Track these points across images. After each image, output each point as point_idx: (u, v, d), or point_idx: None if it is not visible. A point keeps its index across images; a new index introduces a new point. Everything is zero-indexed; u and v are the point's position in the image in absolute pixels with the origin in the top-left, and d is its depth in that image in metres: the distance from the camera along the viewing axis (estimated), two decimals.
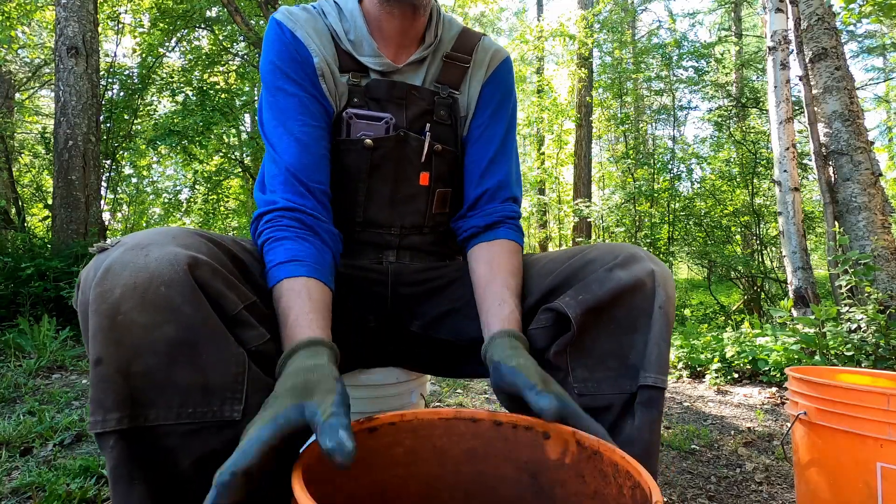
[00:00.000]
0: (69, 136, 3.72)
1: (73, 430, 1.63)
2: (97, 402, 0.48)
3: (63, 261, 3.17)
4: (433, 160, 0.82)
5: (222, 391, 0.52)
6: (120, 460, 0.48)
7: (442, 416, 0.63)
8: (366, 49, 0.78)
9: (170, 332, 0.49)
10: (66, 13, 3.76)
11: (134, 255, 0.50)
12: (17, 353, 2.53)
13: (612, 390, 0.66)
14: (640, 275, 0.66)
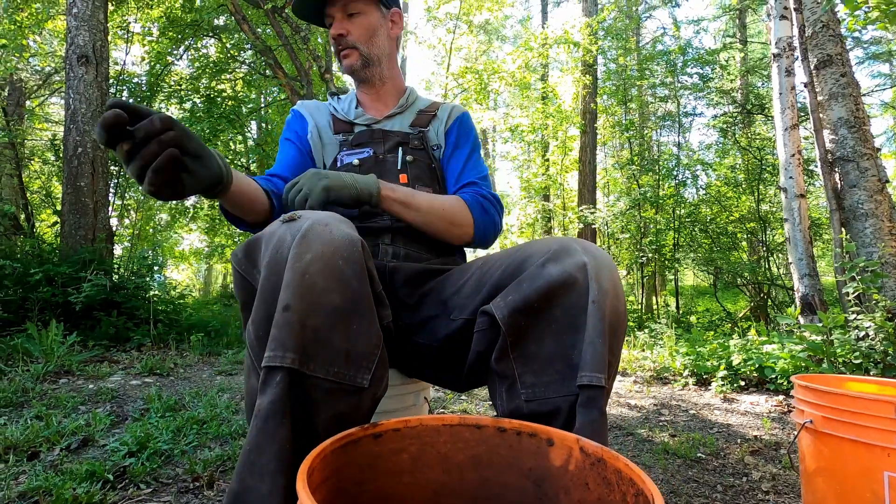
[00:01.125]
0: (78, 144, 3.76)
1: (79, 435, 1.64)
2: (278, 341, 0.55)
3: (71, 266, 3.20)
4: (408, 167, 1.03)
5: (359, 360, 0.60)
6: (279, 396, 0.54)
7: (446, 423, 0.63)
8: (353, 114, 1.10)
9: (336, 300, 0.57)
10: (76, 23, 3.82)
11: (322, 229, 0.60)
12: (24, 358, 2.55)
13: (557, 394, 0.65)
14: (570, 269, 0.66)
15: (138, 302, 3.56)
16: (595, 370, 0.62)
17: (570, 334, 0.66)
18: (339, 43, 1.04)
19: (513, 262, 0.74)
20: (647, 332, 4.59)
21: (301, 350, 0.55)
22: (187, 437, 1.68)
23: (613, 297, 0.66)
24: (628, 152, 8.62)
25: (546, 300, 0.66)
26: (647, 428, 2.06)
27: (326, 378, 0.57)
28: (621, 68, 8.26)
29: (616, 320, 0.66)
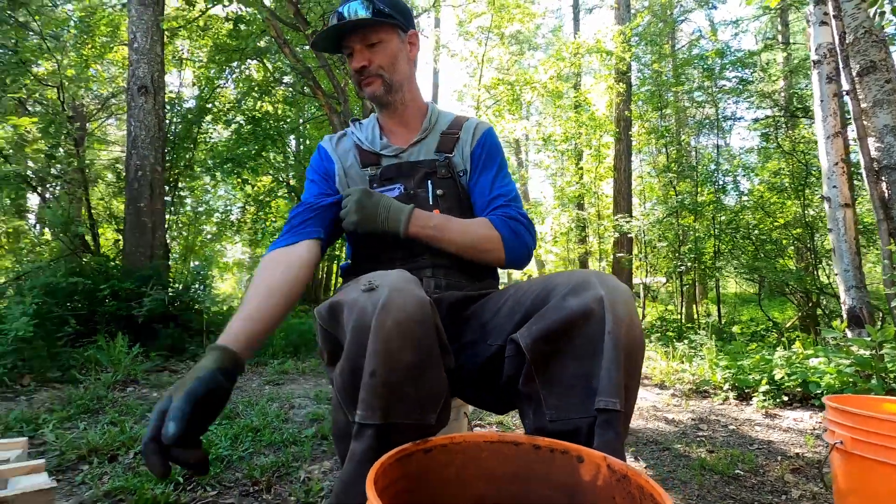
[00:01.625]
0: (138, 167, 4.07)
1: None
2: (367, 403, 0.67)
3: (134, 282, 3.46)
4: (439, 202, 1.06)
5: (429, 405, 0.71)
6: (370, 445, 0.67)
7: (487, 440, 0.71)
8: (378, 145, 1.11)
9: (410, 358, 0.67)
10: (137, 56, 4.14)
11: (397, 295, 0.69)
12: (96, 368, 2.79)
13: (578, 415, 0.72)
14: (588, 302, 0.72)
15: (192, 314, 3.80)
16: (610, 395, 0.68)
17: (588, 361, 0.72)
18: (361, 73, 1.05)
19: (540, 294, 0.81)
20: (687, 343, 4.51)
21: (385, 408, 0.67)
22: (243, 443, 1.82)
23: (628, 326, 0.72)
24: (664, 158, 8.47)
25: (566, 330, 0.73)
26: (683, 443, 2.07)
27: (405, 422, 0.69)
28: (656, 74, 8.15)
29: (632, 346, 0.72)
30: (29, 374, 2.54)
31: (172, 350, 3.46)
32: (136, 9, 4.17)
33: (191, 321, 3.74)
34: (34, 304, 2.66)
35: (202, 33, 5.59)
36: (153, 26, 4.18)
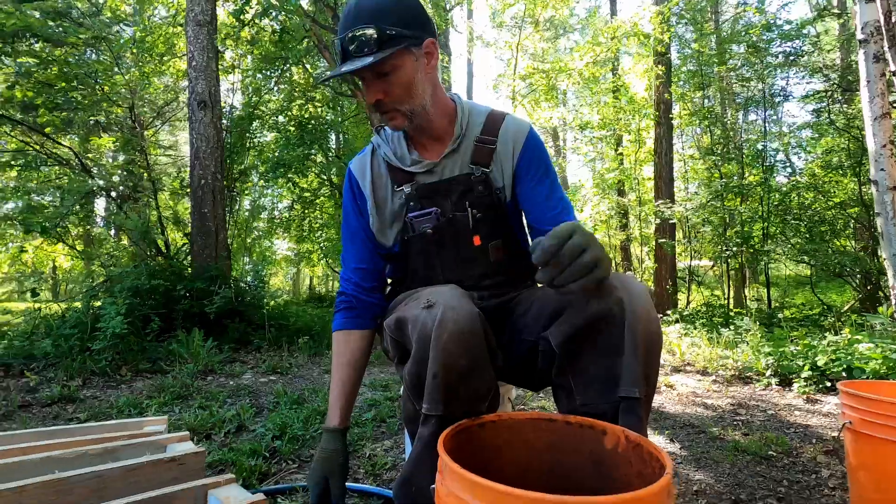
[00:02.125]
0: (201, 176, 4.44)
1: (234, 423, 2.09)
2: (431, 398, 0.84)
3: (204, 282, 3.83)
4: (479, 226, 1.09)
5: (480, 398, 0.87)
6: (434, 430, 0.85)
7: (528, 418, 0.88)
8: (408, 161, 1.10)
9: (463, 363, 0.83)
10: (195, 73, 4.49)
11: (452, 312, 0.83)
12: (178, 360, 3.14)
13: (603, 402, 0.86)
14: (609, 304, 0.84)
15: (254, 310, 4.14)
16: (632, 385, 0.83)
17: (611, 356, 0.86)
18: (377, 107, 1.02)
19: (566, 296, 0.93)
20: (733, 330, 4.48)
21: (445, 403, 0.84)
22: (314, 425, 2.07)
23: (646, 322, 0.85)
24: (708, 140, 8.23)
25: (591, 329, 0.87)
26: (720, 427, 2.16)
27: (462, 412, 0.85)
28: (698, 53, 7.89)
29: (650, 341, 0.85)
30: (125, 366, 2.91)
31: (239, 343, 3.81)
32: (193, 28, 4.51)
33: (253, 316, 4.09)
34: (125, 305, 3.04)
35: (251, 47, 5.91)
36: (208, 45, 4.51)
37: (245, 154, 6.38)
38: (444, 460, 0.68)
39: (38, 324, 3.11)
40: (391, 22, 0.94)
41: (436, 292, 0.89)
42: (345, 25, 0.95)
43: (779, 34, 7.00)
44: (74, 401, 2.35)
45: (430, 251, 1.11)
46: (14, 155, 5.00)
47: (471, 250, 1.10)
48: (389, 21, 0.94)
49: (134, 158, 4.66)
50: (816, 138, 7.77)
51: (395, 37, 0.94)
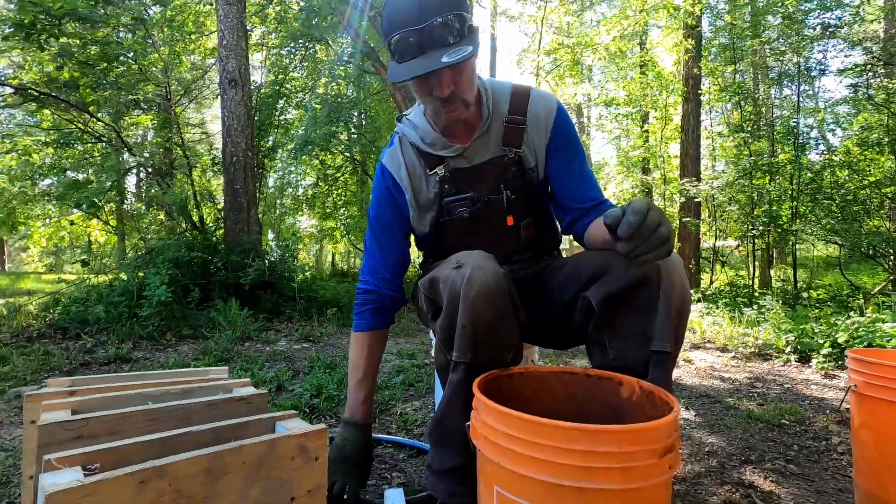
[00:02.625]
0: (233, 153, 4.59)
1: (274, 383, 2.25)
2: (460, 346, 0.94)
3: (238, 255, 4.01)
4: (513, 207, 1.15)
5: (505, 347, 0.97)
6: (462, 377, 0.96)
7: (551, 371, 0.99)
8: (439, 146, 1.12)
9: (491, 315, 0.93)
10: (226, 52, 4.60)
11: (479, 272, 0.92)
12: (218, 327, 3.34)
13: (635, 355, 0.95)
14: (648, 270, 0.92)
15: (284, 283, 4.33)
16: (664, 341, 0.92)
17: (645, 315, 0.95)
18: (444, 101, 0.99)
19: (603, 262, 1.02)
20: (756, 309, 4.48)
21: (473, 350, 0.93)
22: (347, 387, 2.22)
23: (680, 290, 0.94)
24: (738, 116, 8.01)
25: (629, 291, 0.96)
26: (735, 398, 2.24)
27: (487, 361, 0.95)
28: (730, 26, 7.63)
29: (682, 305, 0.94)
30: (169, 332, 3.12)
31: (272, 313, 4.01)
32: (223, 7, 4.60)
33: (284, 288, 4.28)
34: (168, 275, 3.23)
35: (278, 25, 5.98)
36: (238, 23, 4.61)
37: (272, 131, 6.52)
38: (479, 398, 0.79)
39: (90, 291, 3.33)
40: (465, 9, 0.93)
41: (465, 255, 0.99)
42: (426, 10, 0.90)
43: (818, 4, 6.72)
44: (128, 361, 2.55)
45: (466, 231, 1.17)
46: (49, 133, 5.26)
47: (504, 229, 1.17)
48: (464, 7, 0.92)
49: (171, 136, 4.83)
50: (853, 114, 7.50)
51: (472, 26, 0.95)
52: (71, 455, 0.67)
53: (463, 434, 1.00)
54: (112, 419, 0.84)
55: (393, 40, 0.93)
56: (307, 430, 0.81)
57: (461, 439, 1.00)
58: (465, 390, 0.98)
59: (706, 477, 1.42)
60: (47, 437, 0.78)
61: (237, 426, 0.85)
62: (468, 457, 1.01)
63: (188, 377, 1.13)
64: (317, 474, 0.81)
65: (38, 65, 4.11)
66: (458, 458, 1.03)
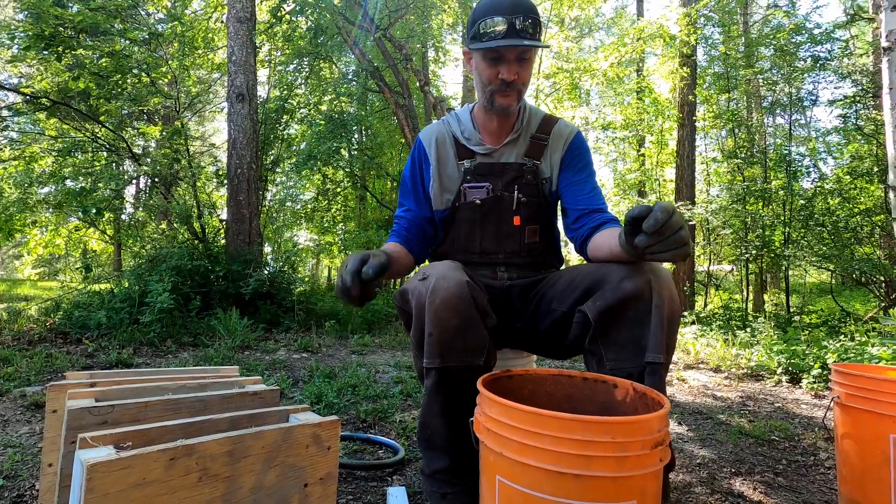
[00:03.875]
0: (238, 166, 4.68)
1: (283, 386, 2.28)
2: (429, 353, 1.00)
3: (239, 265, 4.06)
4: (521, 208, 1.25)
5: (474, 352, 1.02)
6: (435, 382, 1.02)
7: (550, 373, 1.04)
8: (474, 141, 1.28)
9: (456, 322, 0.98)
10: (235, 67, 4.73)
11: (443, 282, 0.99)
12: (217, 335, 3.37)
13: (630, 365, 1.00)
14: (640, 285, 0.98)
15: (284, 294, 4.37)
16: (657, 352, 0.97)
17: (638, 328, 1.00)
18: (507, 85, 1.14)
19: (598, 276, 1.09)
20: (749, 332, 4.54)
21: (441, 356, 0.99)
22: (346, 395, 2.25)
23: (670, 302, 1.00)
24: (732, 143, 8.20)
25: (623, 305, 1.01)
26: (727, 415, 2.28)
27: (458, 365, 1.01)
28: (724, 56, 7.87)
29: (672, 318, 1.00)
30: (170, 339, 3.15)
31: (271, 323, 4.04)
32: (234, 25, 4.74)
33: (283, 299, 4.31)
34: (171, 283, 3.27)
35: (286, 43, 6.14)
36: (248, 40, 4.74)
37: (275, 145, 6.63)
38: (483, 393, 0.84)
39: (92, 297, 3.36)
40: (537, 15, 1.12)
41: (430, 267, 1.06)
42: (516, 5, 1.09)
43: (809, 37, 6.95)
44: (130, 366, 2.58)
45: (475, 220, 1.26)
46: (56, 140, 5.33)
47: (510, 228, 1.26)
48: (537, 15, 1.12)
49: (179, 147, 4.92)
50: (844, 144, 7.70)
51: (542, 35, 1.18)
52: (104, 434, 0.72)
53: (445, 436, 1.07)
54: (135, 407, 0.89)
55: (483, 23, 1.09)
56: (321, 420, 0.86)
57: (444, 441, 1.07)
58: (440, 394, 1.05)
59: (697, 486, 1.46)
60: (76, 421, 0.82)
61: (253, 416, 0.90)
62: (453, 458, 1.08)
63: (203, 374, 1.18)
64: (329, 463, 0.86)
65: (54, 75, 4.22)
66: (444, 460, 1.08)
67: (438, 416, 1.06)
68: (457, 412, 1.05)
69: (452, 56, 10.01)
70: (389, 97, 6.70)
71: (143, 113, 5.60)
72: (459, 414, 1.05)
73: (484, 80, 1.18)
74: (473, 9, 1.16)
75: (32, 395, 1.94)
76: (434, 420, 1.07)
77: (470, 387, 1.02)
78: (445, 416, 1.06)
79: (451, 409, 1.05)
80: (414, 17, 6.92)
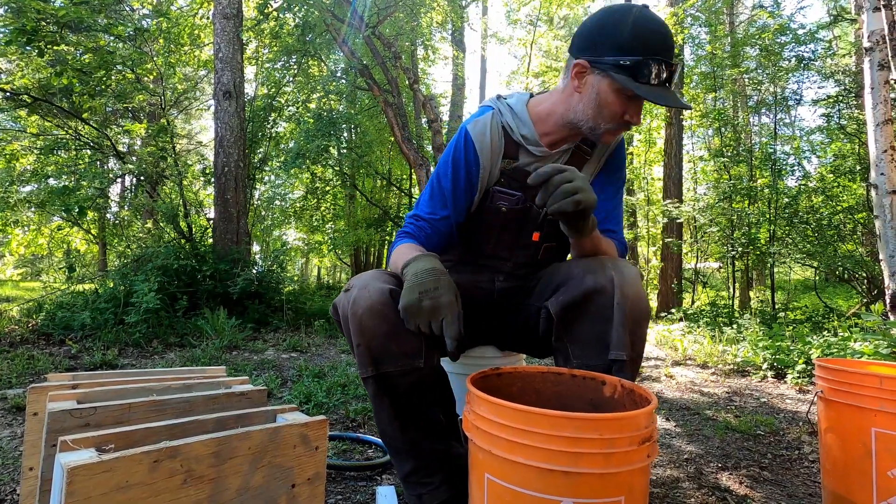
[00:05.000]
0: (225, 164, 4.62)
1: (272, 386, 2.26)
2: (362, 363, 0.98)
3: (227, 264, 4.02)
4: (544, 224, 1.18)
5: (410, 355, 0.98)
6: (375, 390, 1.00)
7: (538, 371, 1.04)
8: (531, 141, 1.13)
9: (384, 328, 0.96)
10: (222, 65, 4.67)
11: (364, 291, 0.97)
12: (204, 335, 3.33)
13: (596, 362, 1.00)
14: (602, 281, 0.97)
15: (272, 293, 4.33)
16: (619, 349, 0.97)
17: (601, 324, 1.00)
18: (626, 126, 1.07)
19: (567, 272, 1.08)
20: (735, 328, 4.60)
21: (374, 363, 0.97)
22: (336, 395, 2.24)
23: (634, 299, 0.98)
24: (718, 141, 8.29)
25: (584, 300, 1.01)
26: (713, 410, 2.31)
27: (395, 370, 0.97)
28: (711, 55, 7.96)
29: (638, 315, 0.99)
30: (156, 339, 3.11)
31: (259, 323, 4.00)
32: (220, 21, 4.68)
33: (272, 299, 4.28)
34: (157, 282, 3.23)
35: (274, 40, 6.08)
36: (234, 37, 4.69)
37: (263, 143, 6.57)
38: (472, 391, 0.84)
39: (76, 297, 3.30)
40: None
41: (355, 279, 1.04)
42: (672, 49, 1.00)
43: (793, 38, 7.05)
44: (115, 367, 2.54)
45: (494, 228, 1.19)
46: (38, 138, 5.22)
47: (527, 241, 1.21)
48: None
49: (164, 145, 4.85)
50: (827, 143, 7.83)
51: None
52: (85, 437, 0.70)
53: (402, 440, 1.06)
54: (118, 409, 0.88)
55: (651, 62, 0.97)
56: (308, 420, 0.85)
57: (404, 445, 1.07)
58: (384, 401, 1.03)
59: (684, 482, 1.48)
60: (57, 424, 0.81)
61: (240, 416, 0.89)
62: (417, 459, 1.07)
63: (188, 374, 1.16)
64: (317, 463, 0.85)
65: (35, 71, 4.13)
66: (409, 462, 1.08)
67: (389, 422, 1.05)
68: (408, 415, 1.04)
69: (442, 54, 9.99)
70: (379, 95, 6.67)
71: (128, 110, 5.51)
72: (412, 416, 1.05)
73: (605, 112, 1.04)
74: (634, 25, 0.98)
75: (14, 398, 1.90)
76: (387, 426, 1.06)
77: (416, 389, 1.01)
78: (398, 420, 1.05)
79: (400, 413, 1.04)
80: (403, 14, 6.90)
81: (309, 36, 6.37)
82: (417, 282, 0.93)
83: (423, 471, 1.07)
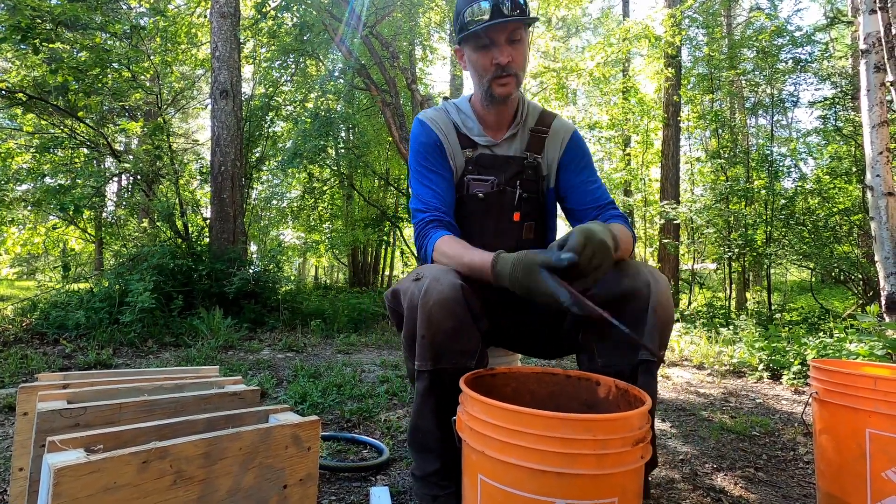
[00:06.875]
0: (221, 163, 4.61)
1: (267, 386, 2.25)
2: (422, 356, 0.98)
3: (223, 264, 4.00)
4: (522, 204, 1.24)
5: (468, 354, 1.01)
6: (427, 385, 1.01)
7: (533, 371, 1.04)
8: (475, 132, 1.24)
9: (450, 324, 0.97)
10: (219, 63, 4.65)
11: (436, 283, 0.97)
12: (199, 335, 3.32)
13: (624, 363, 1.02)
14: (639, 285, 0.99)
15: (269, 293, 4.32)
16: (651, 352, 0.98)
17: (634, 326, 1.00)
18: (503, 70, 1.11)
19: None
20: (731, 329, 4.61)
21: (434, 359, 0.98)
22: (331, 395, 2.23)
23: (666, 306, 1.00)
24: (715, 143, 8.31)
25: (620, 301, 1.01)
26: (709, 411, 2.31)
27: (451, 367, 0.99)
28: (708, 57, 7.98)
29: (666, 319, 1.00)
30: (151, 339, 3.09)
31: (255, 323, 3.99)
32: (217, 20, 4.67)
33: (268, 298, 4.26)
34: (152, 282, 3.21)
35: (272, 40, 6.07)
36: (231, 36, 4.67)
37: (260, 143, 6.56)
38: (466, 392, 0.83)
39: (70, 297, 3.29)
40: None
41: (424, 268, 1.04)
42: None
43: (790, 40, 7.07)
44: (109, 367, 2.52)
45: (476, 215, 1.23)
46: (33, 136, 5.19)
47: (509, 224, 1.24)
48: None
49: (161, 144, 4.83)
50: (823, 144, 7.85)
51: (530, 12, 1.11)
52: (74, 437, 0.70)
53: (437, 438, 1.06)
54: (108, 409, 0.87)
55: (469, 11, 1.08)
56: (300, 420, 0.85)
57: (436, 444, 1.06)
58: (432, 397, 1.04)
59: (680, 482, 1.47)
60: (46, 424, 0.80)
61: (232, 417, 0.88)
62: (445, 460, 1.07)
63: (181, 374, 1.15)
64: (309, 464, 0.85)
65: (29, 69, 4.10)
66: (436, 462, 1.07)
67: (430, 418, 1.05)
68: (448, 414, 1.03)
69: (440, 54, 9.99)
70: (376, 95, 6.66)
71: (124, 109, 5.49)
72: (451, 416, 1.04)
73: (479, 71, 1.14)
74: (456, 2, 1.13)
75: (6, 398, 1.89)
76: (426, 423, 1.06)
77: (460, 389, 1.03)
78: (438, 419, 1.05)
79: (442, 411, 1.04)
80: (401, 14, 6.89)
81: (307, 35, 6.36)
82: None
83: (446, 473, 1.07)
